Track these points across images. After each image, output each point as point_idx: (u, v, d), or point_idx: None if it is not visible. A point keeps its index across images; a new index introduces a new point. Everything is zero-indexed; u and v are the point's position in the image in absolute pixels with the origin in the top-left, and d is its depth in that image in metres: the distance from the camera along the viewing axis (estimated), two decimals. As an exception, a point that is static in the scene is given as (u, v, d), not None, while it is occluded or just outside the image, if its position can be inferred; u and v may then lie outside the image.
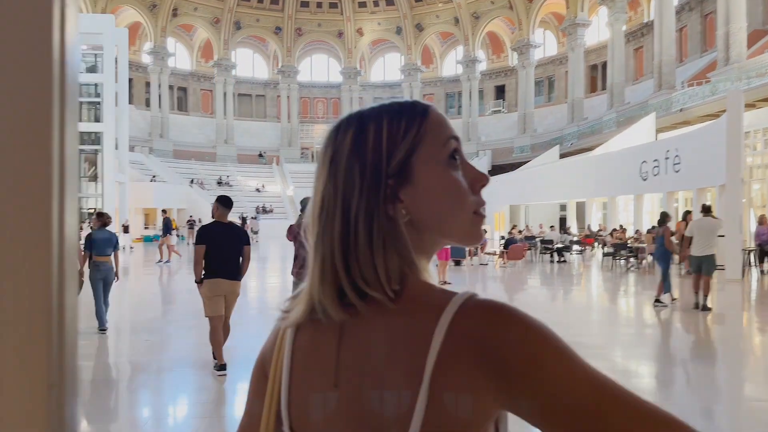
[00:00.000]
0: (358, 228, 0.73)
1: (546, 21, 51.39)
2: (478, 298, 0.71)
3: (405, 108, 0.78)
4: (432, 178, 0.76)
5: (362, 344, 0.74)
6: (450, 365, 0.67)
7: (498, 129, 53.65)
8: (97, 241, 7.61)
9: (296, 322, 0.79)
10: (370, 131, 0.75)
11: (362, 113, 0.79)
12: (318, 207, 0.76)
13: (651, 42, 42.08)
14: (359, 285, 0.73)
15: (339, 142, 0.76)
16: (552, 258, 19.05)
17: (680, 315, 9.53)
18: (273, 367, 0.82)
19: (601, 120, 39.16)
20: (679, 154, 19.12)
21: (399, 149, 0.75)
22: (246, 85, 58.37)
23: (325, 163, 0.77)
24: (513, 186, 35.50)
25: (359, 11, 56.51)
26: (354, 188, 0.73)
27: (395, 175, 0.74)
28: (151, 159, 45.51)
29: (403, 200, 0.74)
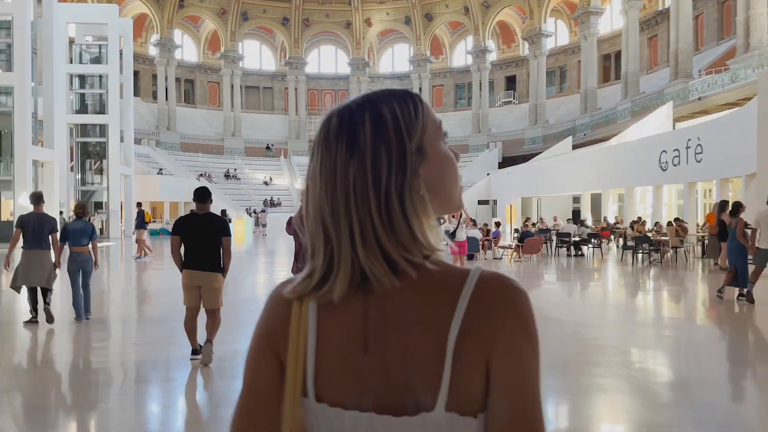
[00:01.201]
0: (391, 202, 0.80)
1: (558, 10, 50.41)
2: (489, 271, 0.82)
3: (406, 95, 0.88)
4: (440, 155, 0.86)
5: (389, 313, 0.82)
6: (472, 332, 0.78)
7: (509, 120, 52.84)
8: (72, 232, 7.67)
9: (327, 294, 0.84)
10: (387, 115, 0.83)
11: (368, 99, 0.86)
12: (342, 188, 0.81)
13: (665, 30, 41.14)
14: (401, 254, 0.81)
15: (355, 127, 0.83)
16: (569, 251, 18.40)
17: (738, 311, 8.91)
18: (294, 339, 0.85)
19: (615, 110, 38.34)
20: (701, 143, 18.39)
21: (416, 130, 0.84)
22: (253, 77, 57.82)
23: (342, 148, 0.82)
24: (525, 178, 34.81)
25: (368, 1, 55.74)
26: (383, 167, 0.81)
27: (415, 153, 0.83)
28: (158, 152, 45.13)
29: (421, 175, 0.83)
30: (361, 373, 0.82)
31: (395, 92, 0.87)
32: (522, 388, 0.78)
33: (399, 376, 0.80)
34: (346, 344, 0.84)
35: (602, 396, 5.04)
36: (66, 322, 7.88)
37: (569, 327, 7.88)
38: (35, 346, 7.00)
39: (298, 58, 56.57)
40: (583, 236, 18.25)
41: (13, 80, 20.52)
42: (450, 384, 0.77)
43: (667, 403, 4.78)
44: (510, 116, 53.15)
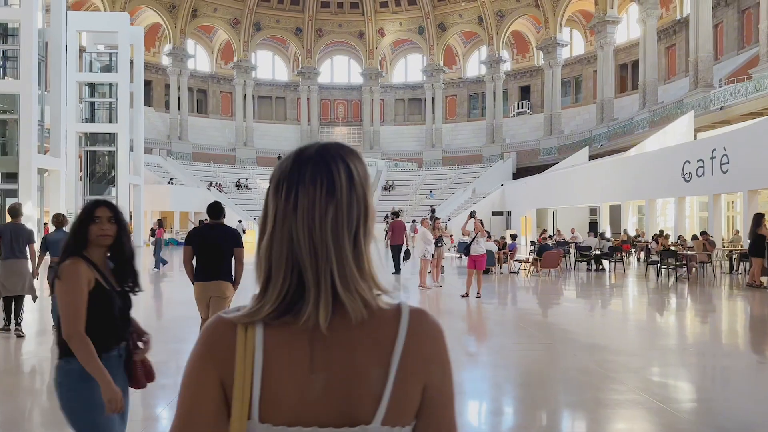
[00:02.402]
0: (359, 245, 0.94)
1: (573, 19, 49.78)
2: (413, 307, 0.98)
3: (357, 153, 1.00)
4: (373, 208, 1.00)
5: (336, 339, 0.92)
6: (411, 359, 0.93)
7: (523, 130, 52.12)
8: (51, 243, 7.59)
9: (259, 319, 0.93)
10: (354, 170, 0.96)
11: (336, 149, 0.97)
12: (322, 228, 0.92)
13: (684, 40, 40.33)
14: (363, 290, 0.93)
15: (332, 175, 0.93)
16: (589, 266, 17.61)
17: None
18: (241, 362, 0.91)
19: (633, 120, 37.53)
20: (727, 153, 17.58)
21: (369, 186, 0.99)
22: (266, 88, 57.65)
23: (322, 192, 0.92)
24: (540, 189, 34.03)
25: (381, 11, 55.46)
26: (354, 213, 0.94)
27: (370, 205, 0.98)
28: (169, 161, 44.89)
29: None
30: (307, 392, 0.90)
31: (350, 148, 0.99)
32: (448, 407, 0.96)
33: (342, 395, 0.90)
34: (293, 366, 0.91)
35: (619, 422, 4.34)
36: (45, 332, 7.95)
37: (596, 351, 7.16)
38: (6, 354, 6.89)
39: (310, 68, 56.34)
40: (604, 250, 17.47)
41: (19, 87, 20.20)
42: (389, 402, 0.90)
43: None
44: (524, 126, 52.44)
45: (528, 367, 6.55)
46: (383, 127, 57.49)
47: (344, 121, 59.01)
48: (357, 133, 57.97)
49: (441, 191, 46.48)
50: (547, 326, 9.31)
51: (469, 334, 8.93)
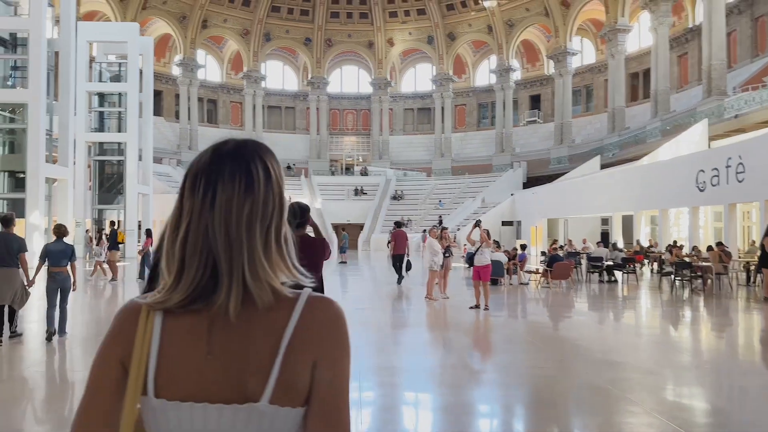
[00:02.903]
0: (270, 237, 1.01)
1: (583, 28, 49.52)
2: (316, 294, 1.04)
3: (272, 152, 1.07)
4: (286, 204, 1.08)
5: (234, 323, 0.99)
6: (300, 340, 0.99)
7: (533, 140, 51.78)
8: (52, 253, 7.84)
9: (168, 307, 0.99)
10: (270, 167, 1.03)
11: (254, 147, 1.03)
12: (237, 221, 0.98)
13: (696, 48, 39.93)
14: (270, 279, 0.99)
15: (250, 172, 0.99)
16: (601, 277, 17.21)
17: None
18: (140, 342, 0.99)
19: (645, 129, 37.11)
20: (743, 162, 17.18)
21: (283, 182, 1.06)
22: (275, 97, 57.77)
23: (240, 187, 0.98)
24: (551, 198, 33.64)
25: (390, 21, 55.50)
26: (269, 208, 1.00)
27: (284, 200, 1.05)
28: (179, 171, 44.92)
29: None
30: (203, 372, 0.97)
31: (266, 147, 1.06)
32: (337, 388, 1.00)
33: (236, 374, 0.97)
34: (190, 348, 0.99)
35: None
36: (37, 341, 8.06)
37: (609, 369, 6.83)
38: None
39: (320, 78, 56.41)
40: (616, 261, 17.08)
41: (27, 97, 20.22)
42: (276, 381, 0.96)
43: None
44: (534, 136, 52.10)
45: (537, 386, 6.24)
46: (392, 136, 57.36)
47: (353, 130, 58.96)
48: (366, 143, 57.88)
49: (450, 200, 46.17)
50: (557, 341, 8.98)
51: (475, 349, 8.63)
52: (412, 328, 10.18)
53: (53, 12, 23.87)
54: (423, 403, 5.70)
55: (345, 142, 58.47)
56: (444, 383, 6.21)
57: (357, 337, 8.46)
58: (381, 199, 47.50)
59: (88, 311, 12.05)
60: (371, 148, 57.05)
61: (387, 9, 54.97)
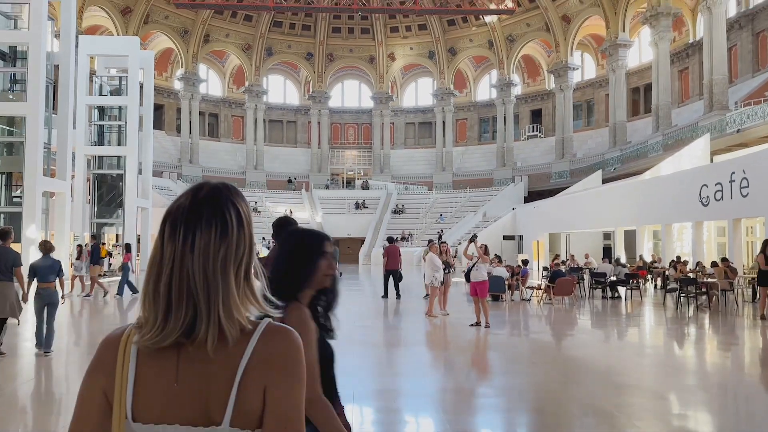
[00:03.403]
0: (240, 277, 1.11)
1: (584, 43, 49.62)
2: (273, 323, 1.14)
3: (240, 194, 1.18)
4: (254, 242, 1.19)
5: (198, 357, 1.10)
6: (255, 368, 1.09)
7: (534, 154, 51.69)
8: (39, 269, 7.86)
9: (162, 345, 1.10)
10: (242, 211, 1.14)
11: (227, 193, 1.14)
12: (214, 263, 1.08)
13: (697, 63, 39.93)
14: (240, 320, 1.10)
15: (224, 218, 1.11)
16: (604, 293, 16.95)
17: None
18: (119, 372, 1.11)
19: (647, 144, 36.98)
20: (747, 177, 16.98)
21: (252, 224, 1.16)
22: (277, 111, 57.83)
23: (216, 232, 1.09)
24: (552, 213, 33.44)
25: (391, 36, 55.69)
26: (242, 250, 1.11)
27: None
28: (179, 184, 44.81)
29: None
30: (173, 398, 1.09)
31: (236, 189, 1.16)
32: (288, 411, 1.09)
33: (200, 400, 1.08)
34: (161, 377, 1.10)
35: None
36: (27, 354, 8.23)
37: (615, 391, 6.58)
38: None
39: (321, 93, 56.51)
40: (620, 276, 16.82)
41: (26, 110, 20.11)
42: (234, 405, 1.07)
43: None
44: (536, 150, 52.01)
45: (539, 409, 5.99)
46: (393, 150, 57.32)
47: (355, 144, 58.94)
48: (367, 157, 57.84)
49: (451, 215, 45.97)
50: (560, 361, 8.72)
51: (476, 370, 8.37)
52: (411, 348, 9.92)
53: (53, 26, 23.86)
54: (423, 431, 5.45)
55: (346, 156, 58.42)
56: (444, 409, 5.96)
57: (354, 357, 8.22)
58: (382, 212, 47.31)
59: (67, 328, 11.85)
60: (372, 162, 56.99)
61: (388, 24, 55.18)
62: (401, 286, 16.84)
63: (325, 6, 45.44)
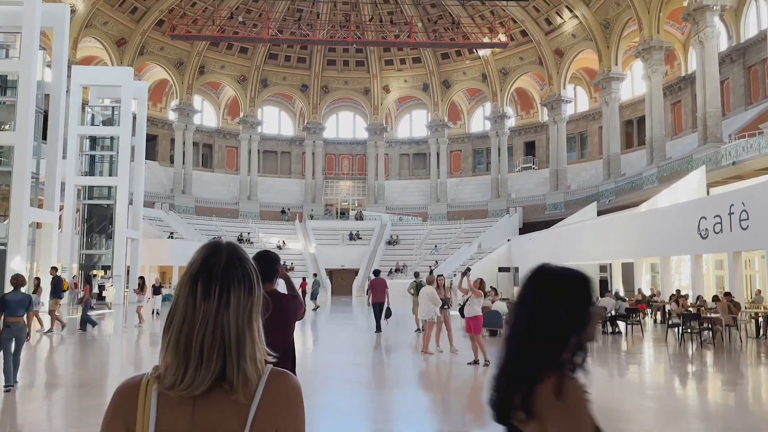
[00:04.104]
0: (255, 327, 1.26)
1: (577, 76, 50.05)
2: (276, 369, 1.27)
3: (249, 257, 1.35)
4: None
5: (212, 403, 1.22)
6: (264, 412, 1.21)
7: (529, 185, 51.65)
8: (9, 303, 7.86)
9: (193, 394, 1.21)
10: (255, 267, 1.30)
11: (243, 254, 1.31)
12: (242, 317, 1.22)
13: (689, 96, 40.23)
14: (258, 367, 1.25)
15: (249, 275, 1.27)
16: (604, 328, 16.50)
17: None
18: (141, 415, 1.20)
19: (641, 176, 36.93)
20: (746, 209, 16.74)
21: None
22: (271, 142, 57.79)
23: (244, 289, 1.25)
24: (548, 245, 33.12)
25: (386, 68, 56.10)
26: (258, 304, 1.26)
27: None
28: (171, 215, 44.39)
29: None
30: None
31: (242, 249, 1.33)
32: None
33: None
34: (180, 420, 1.20)
35: None
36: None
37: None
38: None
39: (316, 124, 56.61)
40: (620, 311, 16.40)
41: (15, 139, 19.79)
42: None
43: None
44: (530, 182, 51.99)
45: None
46: (388, 181, 57.22)
47: (349, 175, 58.83)
48: (362, 187, 57.68)
49: (446, 246, 45.60)
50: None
51: (474, 413, 7.88)
52: (405, 389, 9.42)
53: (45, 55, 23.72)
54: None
55: (340, 187, 58.25)
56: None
57: (344, 399, 7.74)
58: (376, 243, 46.90)
59: (29, 365, 11.32)
60: (367, 193, 56.81)
61: (383, 57, 55.63)
62: (389, 320, 16.62)
63: (320, 39, 45.73)
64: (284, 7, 48.85)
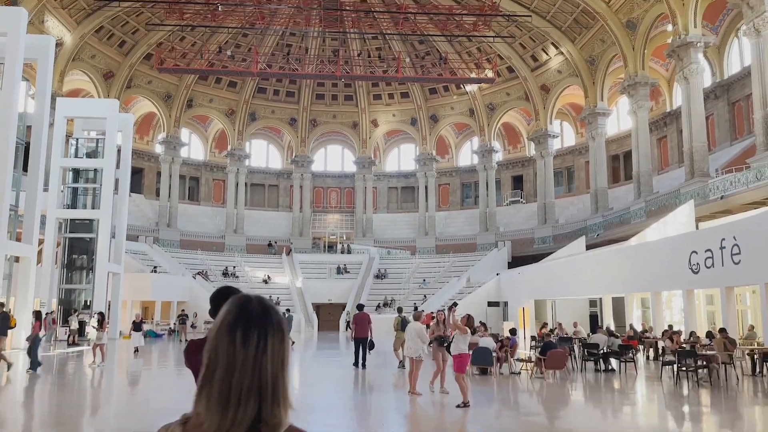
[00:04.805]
0: (285, 377, 1.31)
1: (563, 112, 50.55)
2: (293, 428, 1.29)
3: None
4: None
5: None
6: None
7: (517, 219, 51.58)
8: None
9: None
10: (283, 319, 1.35)
11: (270, 303, 1.35)
12: (276, 363, 1.27)
13: (675, 131, 40.63)
14: (283, 414, 1.28)
15: (281, 325, 1.33)
16: (597, 366, 16.06)
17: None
18: None
19: (629, 210, 36.94)
20: (738, 243, 16.55)
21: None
22: (259, 175, 57.52)
23: (279, 336, 1.30)
24: (538, 279, 32.79)
25: (374, 103, 56.40)
26: (287, 350, 1.31)
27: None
28: (155, 249, 43.67)
29: None
30: None
31: (272, 303, 1.37)
32: None
33: None
34: None
35: None
36: None
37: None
38: None
39: (304, 157, 56.49)
40: (613, 347, 16.01)
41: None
42: None
43: None
44: (518, 215, 51.95)
45: None
46: (376, 214, 56.96)
47: (337, 208, 58.55)
48: (350, 221, 57.34)
49: (435, 280, 45.13)
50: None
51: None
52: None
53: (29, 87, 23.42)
54: None
55: (328, 220, 57.86)
56: None
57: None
58: (364, 277, 46.33)
59: None
60: (355, 226, 56.44)
61: (371, 92, 55.98)
62: (371, 351, 16.43)
63: (309, 73, 45.93)
64: (273, 42, 49.16)
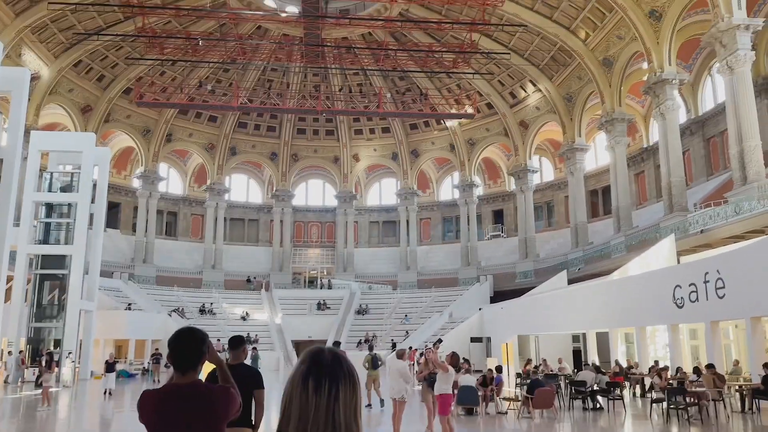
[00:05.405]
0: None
1: (542, 147, 51.12)
2: None
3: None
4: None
5: None
6: None
7: (498, 254, 51.50)
8: None
9: None
10: (354, 370, 1.49)
11: (341, 354, 1.50)
12: (348, 411, 1.40)
13: (652, 166, 41.21)
14: None
15: (353, 374, 1.47)
16: (585, 404, 15.67)
17: None
18: None
19: (609, 244, 37.08)
20: (721, 277, 16.47)
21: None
22: (239, 210, 56.91)
23: (351, 385, 1.44)
24: (521, 314, 32.48)
25: (355, 138, 56.55)
26: (359, 398, 1.45)
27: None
28: (130, 285, 42.59)
29: None
30: None
31: (343, 353, 1.50)
32: None
33: None
34: None
35: None
36: None
37: None
38: None
39: (285, 191, 56.13)
40: (600, 385, 15.65)
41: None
42: None
43: None
44: (500, 249, 51.89)
45: None
46: (357, 249, 56.50)
47: (318, 242, 58.00)
48: (330, 255, 56.76)
49: (417, 315, 44.56)
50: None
51: None
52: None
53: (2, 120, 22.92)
54: None
55: (309, 255, 57.21)
56: None
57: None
58: (345, 313, 45.60)
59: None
60: (336, 261, 55.86)
61: (352, 127, 56.18)
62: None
63: (289, 107, 45.95)
64: (254, 77, 49.23)
